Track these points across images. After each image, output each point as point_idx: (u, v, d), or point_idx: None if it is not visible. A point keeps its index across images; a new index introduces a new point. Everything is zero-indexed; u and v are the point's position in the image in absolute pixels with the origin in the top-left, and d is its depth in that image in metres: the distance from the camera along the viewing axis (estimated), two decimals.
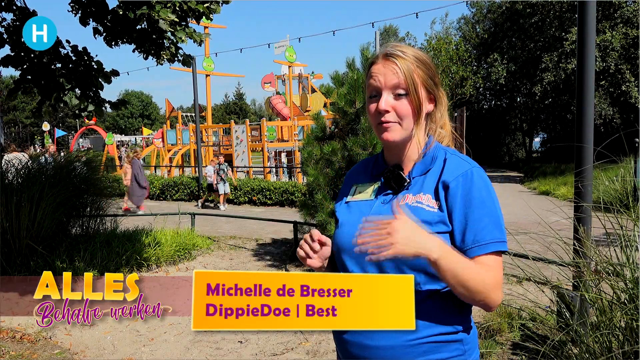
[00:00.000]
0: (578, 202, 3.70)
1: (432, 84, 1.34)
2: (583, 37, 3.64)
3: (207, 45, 20.39)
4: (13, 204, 5.74)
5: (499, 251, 1.24)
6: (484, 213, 1.24)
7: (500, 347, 3.73)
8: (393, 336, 1.23)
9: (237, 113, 63.03)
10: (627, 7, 21.27)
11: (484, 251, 1.22)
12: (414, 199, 1.30)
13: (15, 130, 52.25)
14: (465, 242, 1.24)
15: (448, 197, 1.26)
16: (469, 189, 1.25)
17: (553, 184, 16.51)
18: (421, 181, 1.32)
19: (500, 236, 1.24)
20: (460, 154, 1.35)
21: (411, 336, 1.23)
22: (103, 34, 5.26)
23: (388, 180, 1.36)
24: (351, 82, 5.97)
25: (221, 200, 13.07)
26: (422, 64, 1.32)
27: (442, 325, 1.25)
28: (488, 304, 1.21)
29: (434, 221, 1.25)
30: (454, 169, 1.29)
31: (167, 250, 6.72)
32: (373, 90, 1.32)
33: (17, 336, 4.18)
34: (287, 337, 4.24)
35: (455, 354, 1.26)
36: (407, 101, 1.29)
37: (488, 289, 1.20)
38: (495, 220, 1.25)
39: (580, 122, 3.69)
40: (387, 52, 1.31)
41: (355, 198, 1.42)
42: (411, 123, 1.31)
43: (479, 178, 1.27)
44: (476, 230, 1.23)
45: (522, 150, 37.99)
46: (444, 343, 1.25)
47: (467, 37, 31.45)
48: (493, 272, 1.21)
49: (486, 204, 1.25)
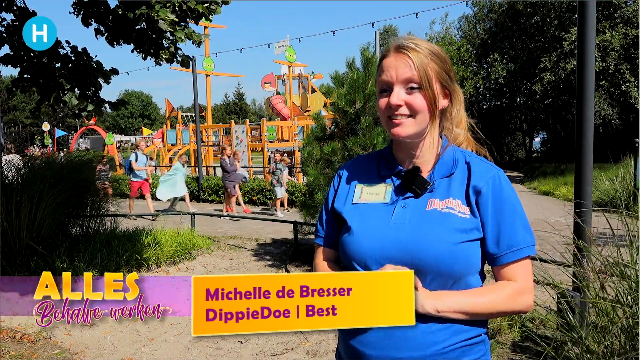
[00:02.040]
0: (578, 202, 3.69)
1: (447, 78, 1.26)
2: (583, 37, 3.64)
3: (207, 45, 20.39)
4: (13, 204, 5.74)
5: (529, 256, 1.24)
6: (515, 217, 1.22)
7: (500, 347, 3.73)
8: (423, 346, 1.18)
9: (237, 113, 63.03)
10: (627, 7, 21.27)
11: (518, 257, 1.22)
12: (442, 205, 1.23)
13: (15, 130, 52.25)
14: (500, 248, 1.22)
15: (479, 203, 1.23)
16: (499, 194, 1.23)
17: (553, 184, 16.50)
18: (446, 184, 1.26)
19: (532, 240, 1.24)
20: (479, 157, 1.31)
21: (443, 344, 1.19)
22: (105, 34, 5.26)
23: (407, 183, 1.26)
24: (351, 82, 5.97)
25: (277, 205, 11.68)
26: (437, 57, 1.25)
27: (470, 329, 1.23)
28: (520, 312, 1.23)
29: (468, 228, 1.20)
30: (483, 173, 1.25)
31: (167, 250, 6.71)
32: (384, 84, 1.25)
33: (17, 336, 4.18)
34: (287, 337, 4.24)
35: (480, 354, 1.25)
36: (420, 95, 1.22)
37: (512, 304, 1.21)
38: (525, 224, 1.24)
39: (580, 122, 3.68)
40: (399, 44, 1.24)
41: (365, 200, 1.31)
42: (426, 118, 1.24)
43: (506, 182, 1.26)
44: (510, 235, 1.21)
45: (522, 150, 38.01)
46: (472, 345, 1.24)
47: (468, 37, 31.46)
48: (520, 280, 1.22)
49: (516, 208, 1.23)
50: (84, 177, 6.61)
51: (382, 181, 1.32)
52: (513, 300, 1.21)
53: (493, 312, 1.20)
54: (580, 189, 3.70)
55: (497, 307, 1.19)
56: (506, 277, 1.23)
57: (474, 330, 1.23)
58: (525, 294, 1.22)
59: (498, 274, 1.25)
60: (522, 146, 37.93)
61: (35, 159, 6.51)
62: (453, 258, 1.17)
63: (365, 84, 5.95)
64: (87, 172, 6.75)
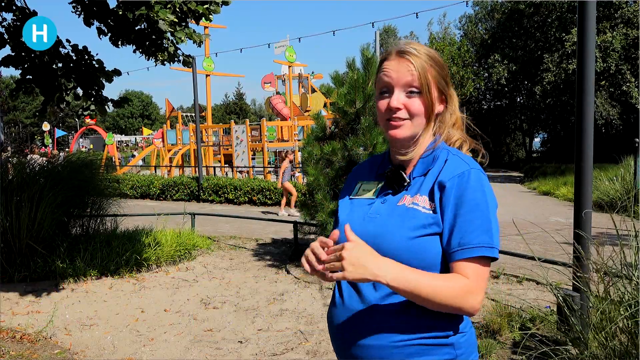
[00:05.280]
0: (578, 202, 3.70)
1: (444, 84, 1.33)
2: (583, 38, 3.64)
3: (207, 45, 20.40)
4: (13, 204, 5.74)
5: (485, 257, 1.20)
6: (474, 216, 1.20)
7: (500, 347, 3.73)
8: (382, 336, 1.24)
9: (237, 113, 63.03)
10: (627, 8, 21.28)
11: (467, 255, 1.19)
12: (410, 200, 1.28)
13: (15, 130, 52.22)
14: (451, 245, 1.21)
15: (442, 198, 1.24)
16: (463, 190, 1.23)
17: (553, 184, 16.51)
18: (420, 182, 1.31)
19: (489, 241, 1.20)
20: (462, 155, 1.32)
21: (399, 337, 1.23)
22: (108, 34, 5.26)
23: (389, 180, 1.35)
24: (351, 82, 5.97)
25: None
26: (435, 64, 1.31)
27: (431, 328, 1.24)
28: (464, 311, 1.19)
29: (428, 223, 1.23)
30: (452, 169, 1.27)
31: (167, 250, 6.71)
32: (384, 86, 1.31)
33: (17, 336, 4.18)
34: (287, 337, 4.24)
35: (445, 357, 1.25)
36: (419, 100, 1.28)
37: (459, 298, 1.17)
38: (485, 224, 1.20)
39: (580, 122, 3.68)
40: (401, 49, 1.30)
41: (359, 196, 1.41)
42: (422, 122, 1.31)
43: (476, 180, 1.24)
44: (463, 233, 1.20)
45: (522, 150, 38.04)
46: (433, 346, 1.24)
47: (470, 37, 31.47)
48: (471, 280, 1.18)
49: (479, 207, 1.21)
50: (84, 177, 6.61)
51: (377, 179, 1.42)
52: (461, 296, 1.17)
53: (436, 300, 1.16)
54: (580, 189, 3.70)
55: (440, 296, 1.16)
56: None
57: (438, 331, 1.24)
58: (474, 294, 1.18)
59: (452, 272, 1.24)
60: (522, 146, 37.96)
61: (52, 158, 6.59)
62: (409, 251, 1.22)
63: (365, 84, 5.95)
64: (88, 172, 6.75)
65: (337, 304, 1.36)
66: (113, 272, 6.02)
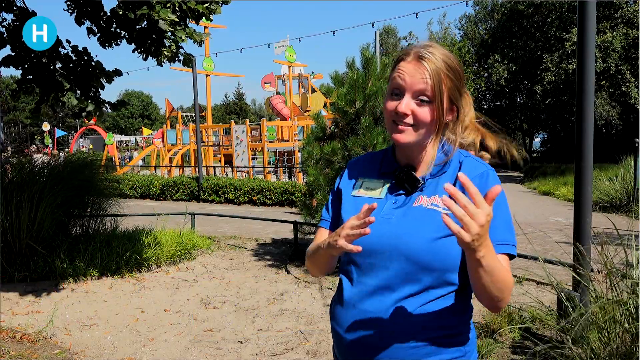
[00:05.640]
0: (578, 202, 3.70)
1: (457, 95, 1.31)
2: (583, 38, 3.64)
3: (207, 45, 20.40)
4: (13, 204, 5.74)
5: (508, 254, 1.22)
6: (497, 214, 1.20)
7: (500, 347, 3.73)
8: (397, 338, 1.23)
9: (237, 113, 63.02)
10: (627, 8, 21.28)
11: (496, 251, 1.19)
12: (428, 201, 1.27)
13: (15, 130, 52.21)
14: None
15: None
16: (485, 189, 1.21)
17: (553, 184, 16.51)
18: (435, 183, 1.30)
19: (511, 239, 1.23)
20: (475, 157, 1.34)
21: (414, 338, 1.23)
22: (97, 34, 5.26)
23: (400, 181, 1.32)
24: (351, 82, 5.96)
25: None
26: (453, 73, 1.28)
27: (446, 327, 1.25)
28: (501, 306, 1.20)
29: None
30: (471, 170, 1.27)
31: (167, 250, 6.71)
32: (396, 87, 1.28)
33: (17, 336, 4.18)
34: (287, 337, 4.24)
35: (457, 355, 1.26)
36: (428, 109, 1.25)
37: (508, 290, 1.18)
38: (507, 223, 1.23)
39: (580, 123, 3.68)
40: (420, 53, 1.26)
41: (363, 194, 1.38)
42: (427, 130, 1.28)
43: (495, 180, 1.27)
44: (489, 230, 1.20)
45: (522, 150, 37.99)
46: (447, 345, 1.25)
47: (470, 37, 31.47)
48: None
49: (500, 206, 1.23)
50: (84, 177, 6.61)
51: (381, 178, 1.38)
52: (511, 288, 1.18)
53: (501, 286, 1.14)
54: (580, 189, 3.70)
55: (506, 282, 1.15)
56: None
57: (452, 330, 1.25)
58: (510, 291, 1.21)
59: None
60: (522, 146, 37.88)
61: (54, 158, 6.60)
62: (431, 253, 1.21)
63: (365, 84, 5.94)
64: (88, 172, 6.76)
65: (346, 304, 1.32)
66: (113, 272, 6.02)
